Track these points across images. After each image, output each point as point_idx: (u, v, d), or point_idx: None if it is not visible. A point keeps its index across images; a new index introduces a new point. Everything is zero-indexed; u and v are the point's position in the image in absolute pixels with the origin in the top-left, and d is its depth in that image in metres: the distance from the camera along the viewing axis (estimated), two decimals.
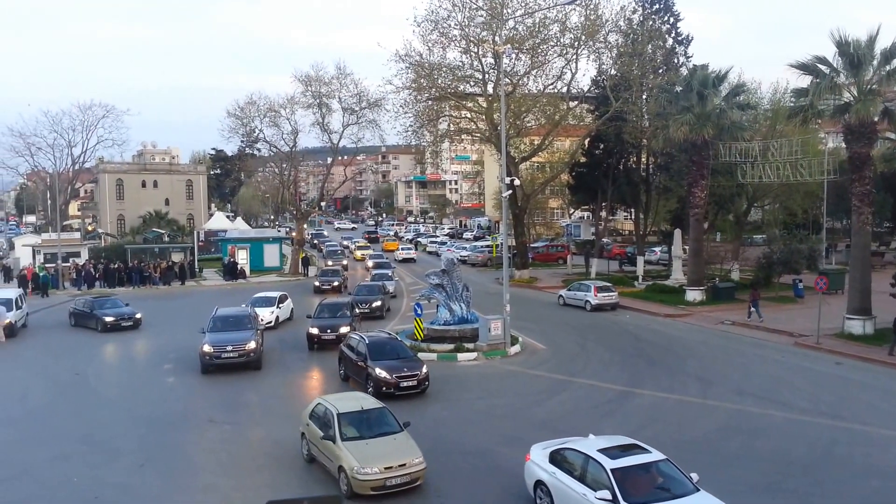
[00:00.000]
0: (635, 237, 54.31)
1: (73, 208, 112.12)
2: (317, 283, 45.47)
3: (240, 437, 18.44)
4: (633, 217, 56.56)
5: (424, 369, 21.67)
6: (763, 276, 41.32)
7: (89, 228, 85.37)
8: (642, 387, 22.60)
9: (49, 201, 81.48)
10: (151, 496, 14.88)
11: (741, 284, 41.27)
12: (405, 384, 21.15)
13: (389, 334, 24.56)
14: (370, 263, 56.42)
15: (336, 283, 44.96)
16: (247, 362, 24.41)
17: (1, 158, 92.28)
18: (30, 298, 39.96)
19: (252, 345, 24.52)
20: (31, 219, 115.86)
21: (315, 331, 28.24)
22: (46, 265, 49.43)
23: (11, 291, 35.93)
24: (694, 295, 38.27)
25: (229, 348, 24.34)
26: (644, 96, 47.09)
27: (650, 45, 46.24)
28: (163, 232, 67.12)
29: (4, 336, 30.75)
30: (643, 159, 50.49)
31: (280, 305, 34.20)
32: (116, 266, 50.55)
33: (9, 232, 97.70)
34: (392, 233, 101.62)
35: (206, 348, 24.20)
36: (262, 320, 30.30)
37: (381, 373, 21.09)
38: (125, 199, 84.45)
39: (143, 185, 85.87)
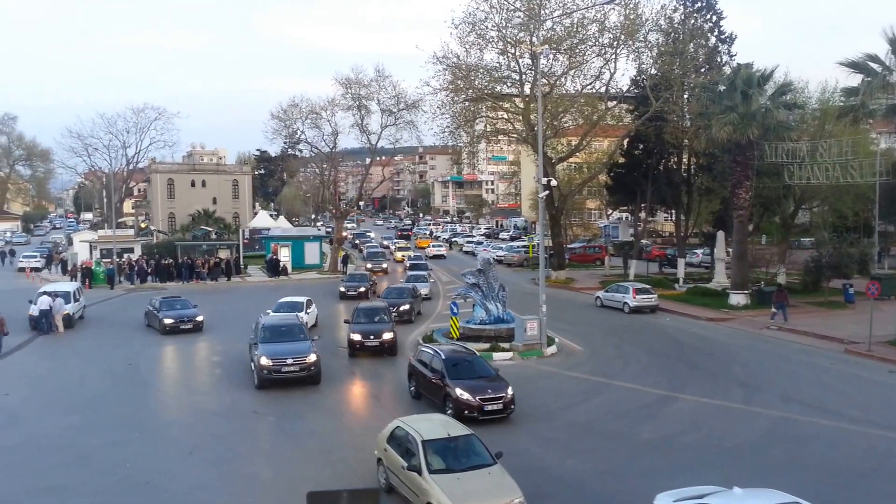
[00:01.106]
0: (676, 239, 53.79)
1: (128, 206, 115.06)
2: (342, 289, 42.25)
3: (282, 429, 18.95)
4: (673, 218, 56.02)
5: (510, 391, 19.30)
6: (811, 281, 40.60)
7: (142, 225, 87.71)
8: (683, 391, 22.43)
9: (105, 199, 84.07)
10: (197, 483, 15.43)
11: (788, 288, 40.67)
12: (490, 408, 18.89)
13: (465, 348, 22.56)
14: (407, 264, 55.84)
15: (363, 289, 41.78)
16: (308, 377, 22.56)
17: (61, 159, 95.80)
18: (86, 291, 41.08)
19: (312, 357, 22.64)
20: (88, 216, 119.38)
21: (357, 337, 26.88)
22: (103, 260, 50.93)
23: (70, 285, 37.27)
24: (738, 299, 37.73)
25: (289, 361, 22.31)
26: (685, 96, 46.59)
27: (692, 44, 45.73)
28: (210, 229, 68.61)
29: (63, 327, 31.90)
30: (684, 160, 50.00)
31: (307, 310, 32.08)
32: (167, 262, 51.84)
33: (68, 228, 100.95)
34: (427, 232, 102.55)
35: (265, 361, 22.05)
36: None
37: (462, 394, 18.89)
38: (175, 198, 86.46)
39: (193, 184, 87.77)
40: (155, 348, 28.43)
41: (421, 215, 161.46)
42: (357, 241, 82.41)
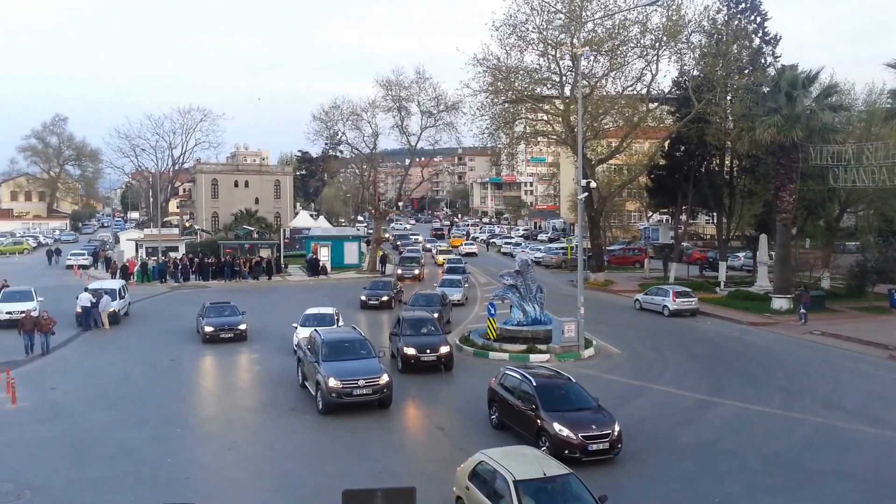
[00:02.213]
0: (717, 242, 52.96)
1: (173, 206, 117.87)
2: (363, 298, 38.21)
3: (319, 427, 19.18)
4: (714, 221, 55.20)
5: (617, 427, 16.50)
6: (856, 286, 39.66)
7: (186, 225, 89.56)
8: (723, 396, 22.11)
9: (151, 199, 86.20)
10: (236, 479, 15.75)
11: (832, 293, 39.78)
12: (595, 447, 16.02)
13: (558, 372, 19.31)
14: (445, 268, 53.94)
15: (385, 298, 38.04)
16: (380, 400, 19.90)
17: (109, 159, 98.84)
18: (131, 289, 42.03)
19: (385, 377, 19.93)
20: (134, 215, 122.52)
21: (412, 351, 24.40)
22: (150, 258, 52.16)
23: (115, 282, 38.28)
24: (780, 303, 37.02)
25: (361, 383, 19.52)
26: (728, 97, 45.89)
27: (735, 45, 45.07)
28: (252, 229, 69.72)
29: (108, 323, 32.77)
30: (727, 162, 49.24)
31: (339, 323, 29.04)
32: (210, 260, 52.88)
33: (115, 227, 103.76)
34: (464, 232, 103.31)
35: (333, 383, 19.32)
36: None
37: (561, 430, 16.11)
38: (219, 198, 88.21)
39: (236, 184, 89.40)
40: (197, 345, 28.98)
41: (459, 216, 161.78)
42: (398, 243, 79.27)
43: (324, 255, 56.99)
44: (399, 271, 50.61)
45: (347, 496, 10.86)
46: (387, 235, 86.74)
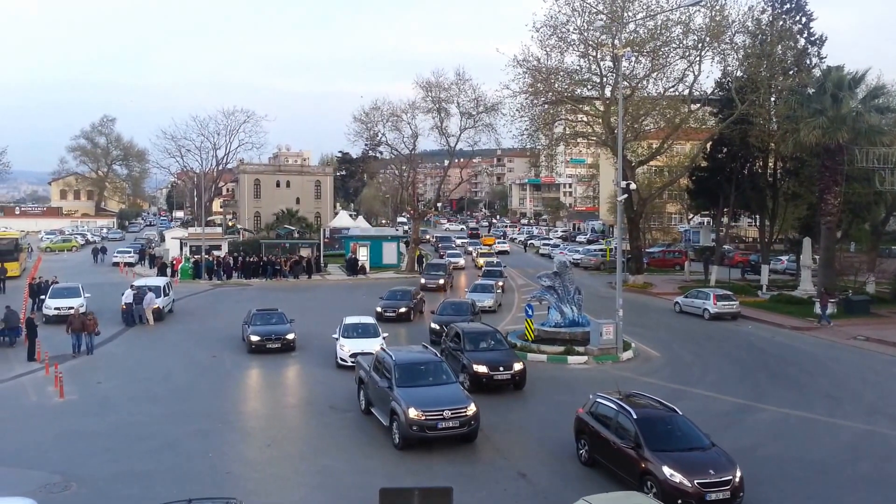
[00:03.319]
0: (760, 245, 52.14)
1: (216, 205, 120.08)
2: (378, 309, 34.27)
3: (357, 424, 19.37)
4: (757, 224, 54.31)
5: (739, 472, 14.08)
6: None
7: (229, 224, 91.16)
8: (764, 401, 21.79)
9: (195, 198, 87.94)
10: (275, 474, 15.99)
11: (877, 298, 38.82)
12: (714, 496, 13.63)
13: (661, 402, 16.41)
14: (483, 271, 51.83)
15: (403, 310, 34.64)
16: (467, 434, 17.22)
17: (155, 159, 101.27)
18: (175, 286, 42.91)
19: (473, 408, 17.30)
20: (179, 214, 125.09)
21: (483, 369, 22.12)
22: (194, 256, 53.31)
23: (160, 280, 39.20)
24: None
25: (447, 414, 16.85)
26: (772, 99, 45.16)
27: (780, 46, 44.36)
28: (293, 228, 70.64)
29: (153, 320, 33.56)
30: (770, 164, 48.45)
31: (384, 334, 27.04)
32: (252, 259, 53.73)
33: (160, 226, 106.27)
34: (502, 233, 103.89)
35: (415, 414, 16.72)
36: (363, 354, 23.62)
37: (673, 476, 13.69)
38: (261, 198, 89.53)
39: (278, 184, 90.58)
40: (238, 342, 29.47)
41: (497, 217, 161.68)
42: (439, 246, 76.45)
43: (363, 254, 57.52)
44: (422, 280, 45.92)
45: (384, 494, 10.93)
46: (427, 237, 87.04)
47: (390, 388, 17.87)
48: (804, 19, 46.44)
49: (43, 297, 35.28)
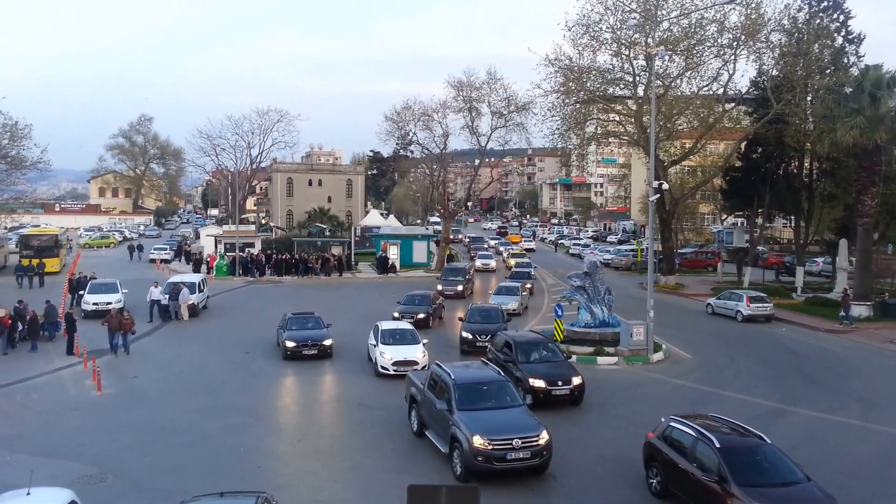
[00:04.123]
0: (794, 246, 51.29)
1: (250, 203, 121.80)
2: (395, 314, 32.28)
3: (386, 421, 19.54)
4: (792, 225, 53.47)
5: None
6: None
7: (262, 222, 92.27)
8: (797, 405, 21.51)
9: (229, 196, 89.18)
10: (305, 470, 16.24)
11: None
12: None
13: (746, 429, 14.43)
14: (510, 273, 50.62)
15: (421, 316, 32.42)
16: (538, 466, 15.36)
17: (191, 158, 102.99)
18: (210, 282, 43.55)
19: (546, 436, 15.37)
20: (214, 212, 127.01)
21: (541, 383, 20.55)
22: (227, 253, 54.14)
23: (195, 276, 39.86)
24: (860, 310, 35.71)
25: (517, 443, 15.06)
26: (809, 98, 44.43)
27: (817, 45, 43.58)
28: (325, 227, 71.32)
29: (188, 315, 34.14)
30: (806, 164, 47.67)
31: (423, 340, 25.71)
32: (284, 257, 54.43)
33: (196, 223, 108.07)
34: (531, 232, 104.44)
35: (480, 443, 14.88)
36: (405, 362, 23.60)
37: None
38: (294, 196, 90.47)
39: (310, 183, 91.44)
40: (270, 339, 29.78)
41: (528, 217, 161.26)
42: (471, 247, 74.53)
43: (393, 253, 57.83)
44: (439, 286, 41.87)
45: (413, 491, 11.02)
46: (460, 237, 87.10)
47: (450, 412, 16.02)
48: (842, 17, 45.56)
49: (82, 292, 36.11)
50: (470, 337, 27.63)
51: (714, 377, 24.96)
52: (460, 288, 42.80)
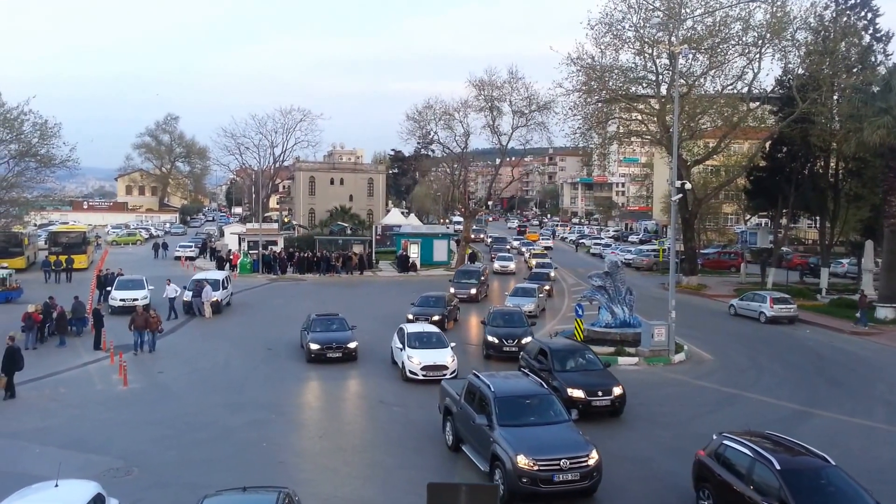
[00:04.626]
0: (819, 247, 50.68)
1: (273, 202, 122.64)
2: (410, 316, 31.49)
3: (406, 419, 19.68)
4: (817, 226, 52.87)
5: None
6: None
7: (285, 220, 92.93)
8: (820, 408, 21.29)
9: (253, 195, 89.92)
10: (326, 466, 16.41)
11: None
12: None
13: (803, 447, 13.43)
14: (530, 273, 49.26)
15: (436, 318, 31.37)
16: (587, 488, 14.19)
17: (216, 156, 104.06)
18: (234, 280, 43.89)
19: (595, 455, 14.23)
20: (237, 210, 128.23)
21: (580, 394, 19.43)
22: (250, 251, 54.66)
23: (219, 273, 40.30)
24: (886, 312, 35.36)
25: (565, 464, 13.90)
26: (835, 97, 43.92)
27: (843, 43, 43.06)
28: (346, 225, 71.75)
29: (211, 312, 34.54)
30: (831, 164, 47.09)
31: (452, 344, 24.95)
32: (306, 254, 54.84)
33: (220, 221, 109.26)
34: (550, 231, 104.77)
35: (525, 463, 13.79)
36: (435, 367, 23.02)
37: None
38: (316, 195, 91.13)
39: (332, 182, 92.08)
40: (292, 336, 29.95)
41: (548, 216, 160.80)
42: (493, 247, 73.67)
43: (413, 252, 58.03)
44: (451, 290, 39.79)
45: (432, 489, 11.09)
46: (482, 236, 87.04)
47: (490, 427, 14.90)
48: (869, 15, 44.96)
49: (109, 288, 36.66)
50: (496, 341, 26.62)
51: (736, 378, 24.79)
52: (473, 291, 41.02)
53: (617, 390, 19.72)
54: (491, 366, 24.54)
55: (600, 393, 19.59)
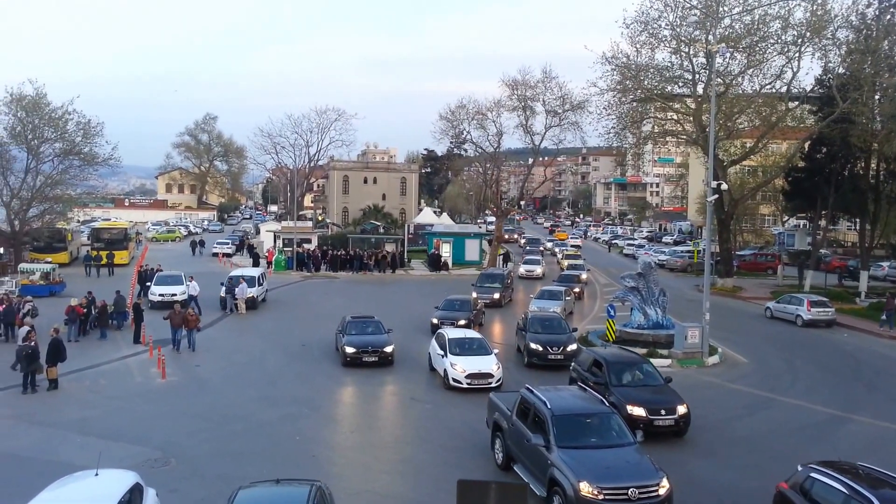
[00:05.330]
0: (859, 250, 49.66)
1: (307, 200, 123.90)
2: (434, 321, 30.63)
3: (437, 416, 19.82)
4: (857, 228, 51.79)
5: None
6: None
7: (319, 218, 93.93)
8: (858, 413, 20.95)
9: (288, 193, 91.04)
10: (357, 460, 16.63)
11: None
12: None
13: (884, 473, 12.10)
14: (559, 275, 47.76)
15: (462, 323, 30.24)
16: None
17: (253, 155, 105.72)
18: (269, 277, 44.40)
19: (665, 485, 12.97)
20: (273, 208, 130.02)
21: (641, 412, 17.84)
22: (285, 249, 55.31)
23: (255, 270, 40.94)
24: None
25: (633, 492, 12.66)
26: (876, 97, 42.88)
27: (886, 41, 42.01)
28: (379, 224, 72.26)
29: (245, 309, 35.09)
30: (872, 165, 46.09)
31: (495, 350, 23.89)
32: (339, 252, 55.35)
33: (256, 219, 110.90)
34: (583, 232, 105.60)
35: (588, 490, 12.56)
36: (480, 375, 21.99)
37: None
38: (349, 194, 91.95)
39: (365, 181, 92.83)
40: (325, 332, 30.15)
41: (581, 216, 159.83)
42: (526, 249, 72.51)
43: (445, 251, 58.17)
44: (474, 294, 37.08)
45: (462, 486, 11.16)
46: (516, 236, 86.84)
47: (547, 448, 13.66)
48: None
49: (149, 283, 37.47)
50: (540, 349, 25.13)
51: (771, 382, 24.47)
52: (497, 296, 38.90)
53: (681, 409, 18.03)
54: (534, 375, 23.52)
55: (663, 411, 17.86)
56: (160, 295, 35.25)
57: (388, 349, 25.07)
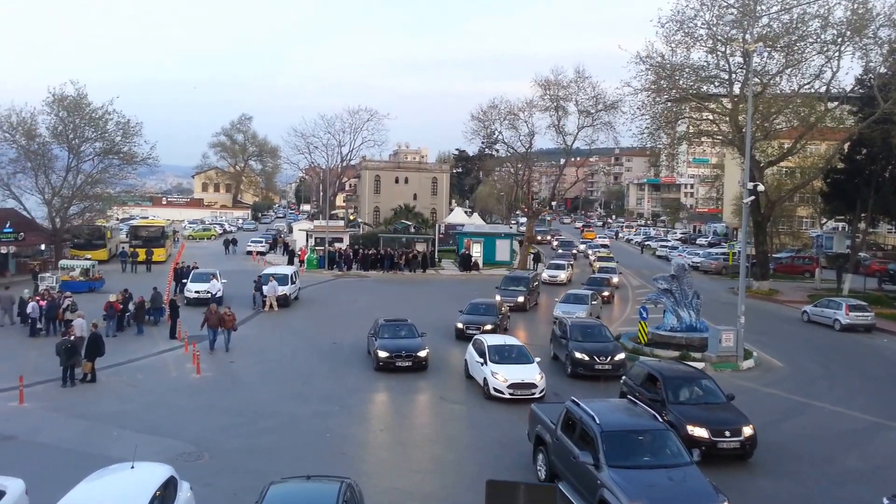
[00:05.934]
0: None
1: (339, 199, 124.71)
2: (459, 325, 30.07)
3: (467, 417, 19.86)
4: None
5: None
6: None
7: (350, 217, 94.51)
8: None
9: (321, 193, 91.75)
10: (387, 459, 16.74)
11: None
12: None
13: None
14: (588, 278, 45.29)
15: (488, 327, 29.29)
16: None
17: (286, 155, 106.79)
18: (301, 275, 44.80)
19: None
20: (306, 207, 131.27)
21: (703, 433, 16.35)
22: (317, 247, 55.86)
23: (287, 268, 41.42)
24: None
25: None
26: None
27: None
28: (410, 223, 72.43)
29: (277, 306, 35.46)
30: None
31: (537, 359, 22.74)
32: (370, 252, 55.70)
33: (289, 218, 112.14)
34: (614, 233, 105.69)
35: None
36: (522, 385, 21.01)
37: None
38: (381, 193, 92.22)
39: (396, 181, 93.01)
40: (357, 330, 30.28)
41: (613, 217, 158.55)
42: (560, 251, 69.84)
43: (476, 251, 58.14)
44: (497, 297, 35.33)
45: (491, 486, 11.17)
46: (549, 237, 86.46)
47: (596, 467, 12.72)
48: None
49: (185, 280, 38.11)
50: (586, 358, 23.70)
51: (807, 387, 24.02)
52: (521, 299, 37.44)
53: (747, 430, 16.48)
54: (577, 386, 22.36)
55: (728, 433, 16.33)
56: (195, 292, 35.90)
57: (423, 353, 24.34)
